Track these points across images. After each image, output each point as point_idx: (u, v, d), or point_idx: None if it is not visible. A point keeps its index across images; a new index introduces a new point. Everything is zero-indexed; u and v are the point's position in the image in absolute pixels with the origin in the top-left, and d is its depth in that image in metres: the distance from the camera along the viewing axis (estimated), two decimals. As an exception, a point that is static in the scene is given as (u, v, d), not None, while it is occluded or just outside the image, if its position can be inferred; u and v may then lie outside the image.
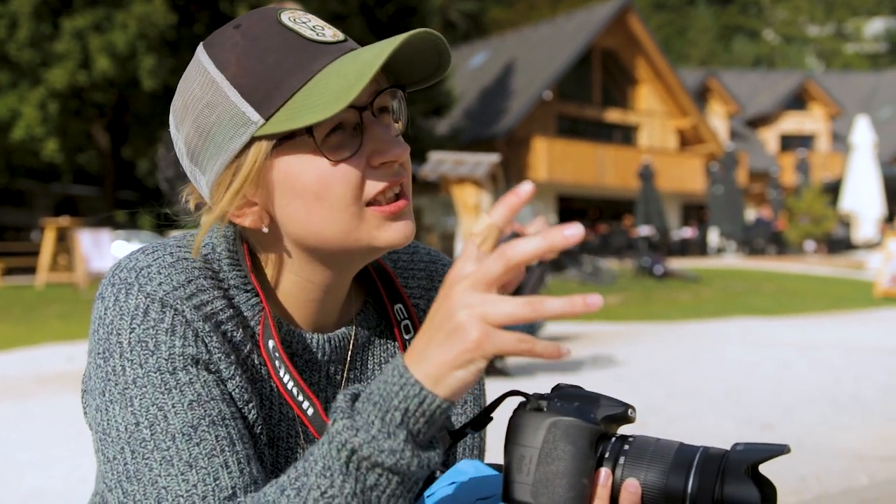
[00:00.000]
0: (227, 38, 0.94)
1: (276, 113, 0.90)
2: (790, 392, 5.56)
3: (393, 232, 0.94)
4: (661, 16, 59.66)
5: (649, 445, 0.80)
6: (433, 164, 11.72)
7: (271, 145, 0.91)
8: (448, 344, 0.74)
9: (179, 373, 0.89)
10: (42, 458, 3.93)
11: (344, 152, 0.91)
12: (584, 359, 6.91)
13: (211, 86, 0.92)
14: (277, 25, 0.93)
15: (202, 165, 0.96)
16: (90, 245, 13.98)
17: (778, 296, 13.75)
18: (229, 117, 0.91)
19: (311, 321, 1.03)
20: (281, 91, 0.90)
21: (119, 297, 0.91)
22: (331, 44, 0.93)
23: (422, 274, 1.15)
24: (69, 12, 20.03)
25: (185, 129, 0.96)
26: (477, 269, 0.75)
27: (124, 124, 23.80)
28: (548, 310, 0.72)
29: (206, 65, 0.94)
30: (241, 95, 0.91)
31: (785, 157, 36.15)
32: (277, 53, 0.91)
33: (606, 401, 0.83)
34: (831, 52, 63.46)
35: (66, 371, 6.27)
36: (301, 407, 0.95)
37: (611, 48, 30.59)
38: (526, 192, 0.76)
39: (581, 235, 0.72)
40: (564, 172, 27.89)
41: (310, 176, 0.91)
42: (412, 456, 0.76)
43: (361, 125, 0.92)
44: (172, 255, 0.95)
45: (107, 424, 0.88)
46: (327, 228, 0.93)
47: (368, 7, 23.65)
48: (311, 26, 0.94)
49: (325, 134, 0.91)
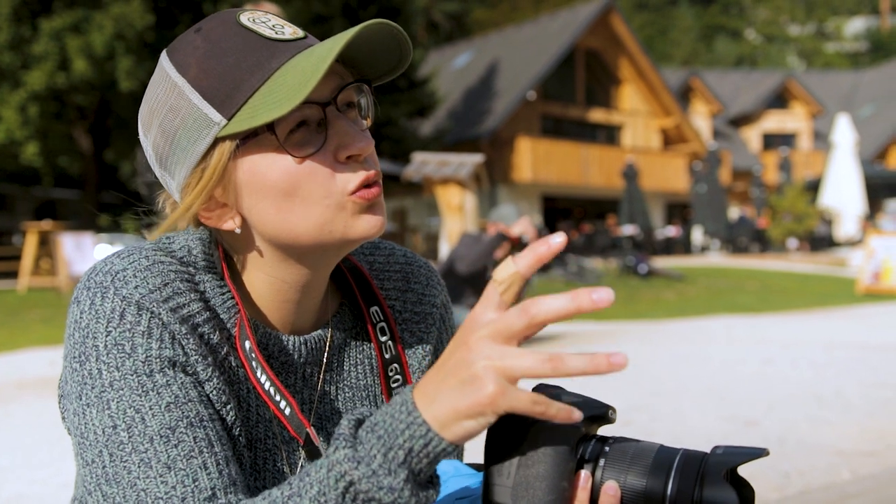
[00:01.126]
0: (188, 43, 0.94)
1: (238, 112, 0.90)
2: (773, 389, 5.59)
3: (365, 223, 0.94)
4: (644, 16, 59.93)
5: (629, 447, 0.80)
6: (417, 165, 11.71)
7: (235, 145, 0.91)
8: (462, 392, 0.74)
9: (156, 375, 0.88)
10: (23, 462, 3.90)
11: (308, 148, 0.91)
12: (568, 358, 6.93)
13: (173, 90, 0.93)
14: (237, 26, 0.93)
15: (170, 170, 0.97)
16: (73, 249, 13.87)
17: (761, 293, 13.84)
18: (192, 120, 0.92)
19: (287, 323, 1.03)
20: (241, 90, 0.90)
21: (94, 301, 0.91)
22: (289, 41, 0.93)
23: (397, 276, 1.15)
24: (47, 14, 19.89)
25: (152, 135, 0.96)
26: (498, 319, 0.74)
27: (106, 127, 23.65)
28: (569, 368, 0.72)
29: (168, 70, 0.94)
30: (202, 97, 0.91)
31: (767, 156, 36.43)
32: (237, 54, 0.91)
33: (587, 402, 0.83)
34: (812, 51, 63.95)
35: (48, 375, 6.22)
36: (279, 407, 0.95)
37: (594, 48, 30.69)
38: (557, 245, 0.74)
39: (610, 301, 0.71)
40: (549, 172, 27.95)
41: (276, 174, 0.91)
42: (410, 495, 0.76)
43: (325, 120, 0.92)
44: (148, 258, 0.95)
45: (84, 428, 0.88)
46: (300, 224, 0.93)
47: (351, 8, 23.62)
48: (271, 25, 0.94)
49: (287, 131, 0.91)
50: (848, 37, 66.57)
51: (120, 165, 25.60)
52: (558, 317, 0.73)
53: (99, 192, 23.98)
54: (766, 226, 26.11)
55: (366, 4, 23.71)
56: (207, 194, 0.94)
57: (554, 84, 30.02)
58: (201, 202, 0.94)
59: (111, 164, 25.75)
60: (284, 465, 1.00)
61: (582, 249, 22.60)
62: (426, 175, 11.35)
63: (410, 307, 1.14)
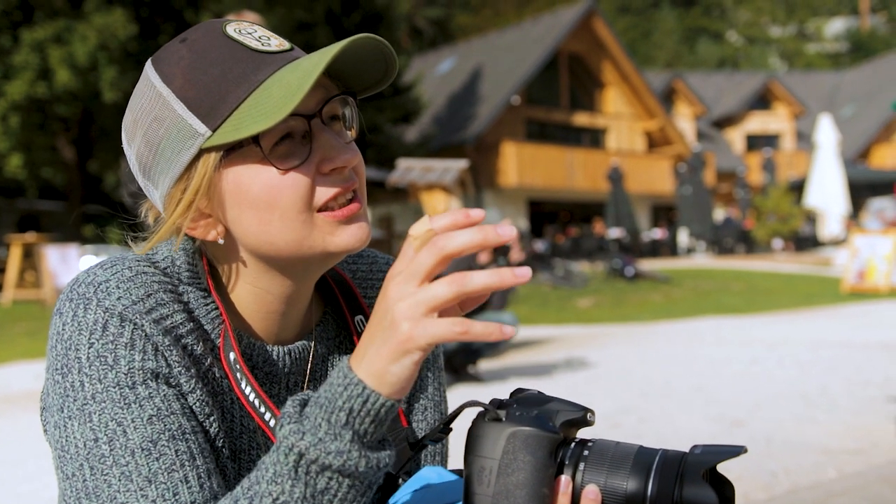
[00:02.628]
0: (173, 53, 0.94)
1: (223, 124, 0.90)
2: (760, 389, 5.62)
3: (346, 236, 0.94)
4: (626, 19, 60.18)
5: (609, 450, 0.80)
6: (401, 172, 11.71)
7: (219, 156, 0.91)
8: (384, 339, 0.75)
9: (139, 387, 0.88)
10: (9, 477, 3.87)
11: (293, 160, 0.91)
12: (557, 362, 6.94)
13: (158, 100, 0.93)
14: (223, 37, 0.93)
15: (154, 180, 0.96)
16: (57, 261, 13.78)
17: (747, 294, 13.90)
18: (177, 130, 0.91)
19: (271, 333, 1.02)
20: (226, 102, 0.90)
21: (77, 313, 0.90)
22: (275, 53, 0.93)
23: (381, 283, 1.14)
24: (29, 24, 19.79)
25: (136, 145, 0.96)
26: (410, 263, 0.75)
27: (90, 138, 23.53)
28: (475, 283, 0.72)
29: (153, 79, 0.94)
30: (187, 108, 0.91)
31: (751, 157, 36.62)
32: (222, 65, 0.91)
33: (565, 406, 0.83)
34: (794, 52, 64.38)
35: (33, 389, 6.18)
36: (263, 418, 0.94)
37: (577, 52, 30.79)
38: (476, 216, 0.75)
39: (514, 236, 0.73)
40: (534, 176, 27.99)
41: (259, 185, 0.91)
42: (360, 456, 0.76)
43: (310, 133, 0.92)
44: (131, 269, 0.94)
45: (65, 441, 0.87)
46: (280, 237, 0.93)
47: (335, 15, 23.60)
48: (257, 37, 0.94)
49: (272, 143, 0.91)
50: (828, 37, 67.06)
51: (104, 176, 25.48)
52: (466, 248, 0.73)
53: (83, 204, 23.84)
54: (751, 227, 26.23)
55: (349, 11, 23.70)
56: (193, 206, 0.94)
57: (538, 88, 30.09)
58: (187, 214, 0.94)
59: (95, 174, 25.62)
60: None
61: (568, 253, 22.63)
62: (411, 181, 11.35)
63: None
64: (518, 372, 6.46)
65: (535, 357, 7.33)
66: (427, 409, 1.15)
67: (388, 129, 24.98)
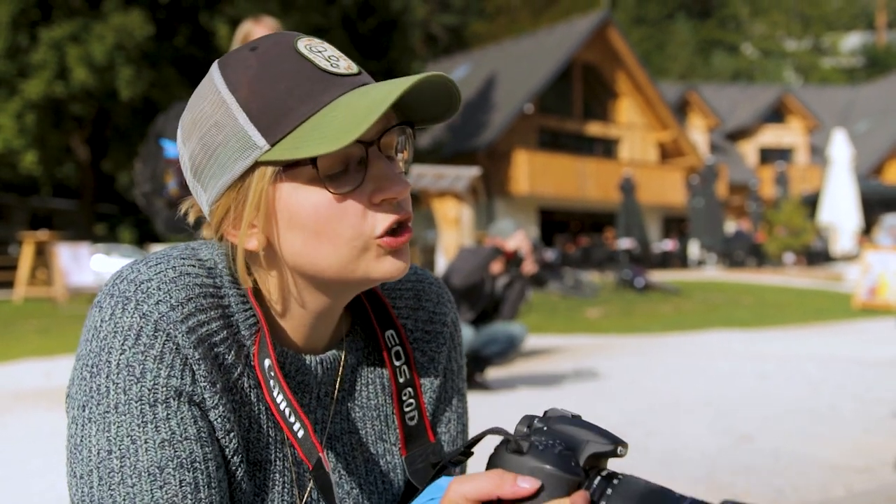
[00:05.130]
0: (241, 60, 0.94)
1: (282, 140, 0.90)
2: (769, 404, 5.60)
3: (388, 266, 0.94)
4: (641, 30, 60.14)
5: (635, 488, 0.77)
6: (413, 178, 11.73)
7: (275, 172, 0.91)
8: None
9: (159, 406, 0.89)
10: (18, 474, 3.89)
11: (346, 186, 0.91)
12: (565, 372, 6.92)
13: (221, 105, 0.93)
14: (293, 52, 0.93)
15: (204, 183, 0.96)
16: (69, 259, 13.85)
17: (757, 308, 13.85)
18: (235, 139, 0.91)
19: (302, 342, 1.03)
20: (289, 119, 0.90)
21: (115, 312, 0.91)
22: (344, 76, 0.93)
23: (409, 294, 1.15)
24: (47, 23, 19.94)
25: (192, 145, 0.96)
26: None
27: (104, 137, 23.67)
28: None
29: (217, 84, 0.94)
30: (248, 119, 0.91)
31: (764, 170, 36.50)
32: (290, 81, 0.91)
33: (596, 436, 0.80)
34: (809, 66, 64.18)
35: (44, 387, 6.20)
36: (292, 429, 0.95)
37: (591, 62, 30.79)
38: None
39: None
40: (546, 185, 27.99)
41: (310, 207, 0.91)
42: None
43: (366, 160, 0.92)
44: (175, 269, 0.95)
45: (79, 441, 0.89)
46: (324, 261, 0.93)
47: (350, 20, 23.70)
48: (327, 56, 0.94)
49: (329, 166, 0.91)
50: (844, 52, 66.84)
51: (117, 176, 25.61)
52: None
53: (96, 203, 23.97)
54: (762, 240, 26.14)
55: (364, 17, 23.78)
56: (239, 215, 0.94)
57: (551, 97, 30.10)
58: (233, 222, 0.95)
59: (109, 174, 25.75)
60: (294, 487, 1.00)
61: (579, 263, 22.62)
62: (423, 188, 11.36)
63: (422, 326, 1.14)
64: (526, 381, 6.46)
65: (543, 366, 7.32)
66: (451, 422, 1.16)
67: (400, 135, 24.99)
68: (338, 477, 1.05)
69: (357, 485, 1.06)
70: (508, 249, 6.04)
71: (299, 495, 1.00)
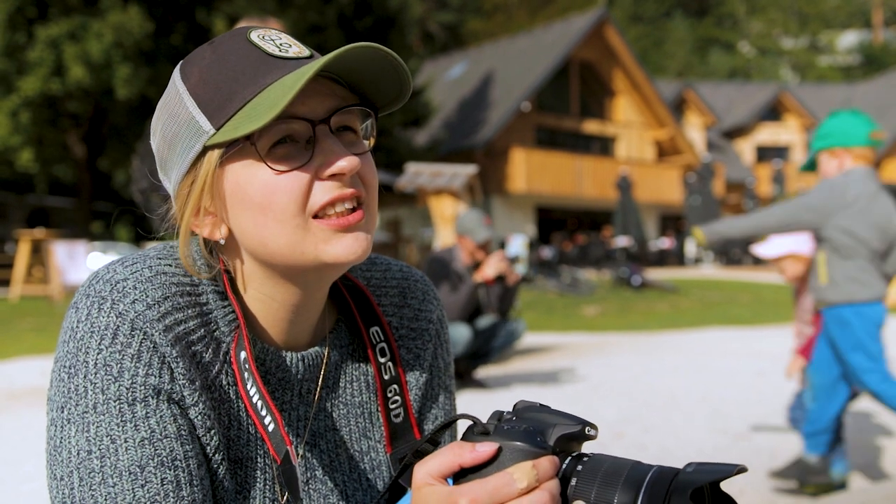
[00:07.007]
0: (199, 53, 0.96)
1: (227, 123, 0.91)
2: (765, 401, 5.60)
3: (340, 247, 0.93)
4: (638, 28, 60.17)
5: (603, 465, 0.79)
6: (410, 176, 11.71)
7: (220, 154, 0.92)
8: None
9: (137, 405, 0.89)
10: (13, 474, 3.88)
11: (292, 163, 0.91)
12: (561, 369, 6.92)
13: (176, 96, 0.95)
14: (245, 42, 0.94)
15: (168, 174, 0.99)
16: (65, 257, 13.83)
17: (754, 306, 13.86)
18: (187, 127, 0.93)
19: (283, 339, 1.02)
20: (233, 102, 0.91)
21: (91, 312, 0.91)
22: (290, 59, 0.93)
23: (394, 291, 1.15)
24: (44, 21, 19.89)
25: (157, 139, 0.98)
26: None
27: (101, 135, 23.62)
28: None
29: (175, 77, 0.97)
30: (197, 105, 0.92)
31: (761, 168, 36.54)
32: (237, 67, 0.92)
33: (563, 419, 0.81)
34: (805, 64, 64.24)
35: (39, 386, 6.19)
36: (263, 422, 0.94)
37: (588, 60, 30.79)
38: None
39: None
40: (543, 183, 27.99)
41: (255, 186, 0.92)
42: None
43: (314, 138, 0.92)
44: (151, 268, 0.95)
45: (59, 442, 0.89)
46: (273, 240, 0.93)
47: (347, 18, 23.64)
48: (278, 44, 0.95)
49: (270, 144, 0.91)
50: (841, 50, 66.89)
51: (114, 174, 25.56)
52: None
53: (92, 201, 23.93)
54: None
55: (361, 15, 23.73)
56: (196, 202, 0.95)
57: (548, 95, 30.10)
58: (191, 210, 0.95)
59: (105, 172, 25.70)
60: (276, 483, 1.00)
61: (576, 261, 22.63)
62: (420, 185, 11.35)
63: (407, 323, 1.14)
64: (522, 379, 6.45)
65: (539, 364, 7.32)
66: (438, 419, 1.15)
67: (397, 133, 25.01)
68: (321, 473, 1.05)
69: (341, 481, 1.06)
70: (478, 245, 5.90)
71: (280, 492, 1.00)
